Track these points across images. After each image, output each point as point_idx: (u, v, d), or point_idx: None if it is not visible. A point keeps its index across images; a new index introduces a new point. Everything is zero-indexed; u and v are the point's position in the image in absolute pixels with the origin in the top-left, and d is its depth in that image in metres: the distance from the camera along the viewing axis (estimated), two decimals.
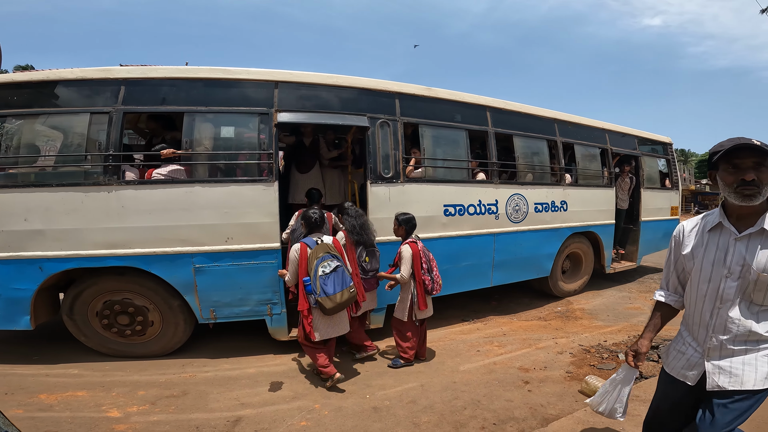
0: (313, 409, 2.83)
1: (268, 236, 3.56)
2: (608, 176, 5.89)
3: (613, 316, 5.01)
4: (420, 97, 4.34)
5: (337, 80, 3.93)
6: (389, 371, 3.46)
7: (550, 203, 5.16)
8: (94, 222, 3.26)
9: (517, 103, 5.08)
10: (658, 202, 6.68)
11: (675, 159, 7.22)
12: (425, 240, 4.15)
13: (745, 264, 1.37)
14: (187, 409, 2.82)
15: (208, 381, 3.26)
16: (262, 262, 3.55)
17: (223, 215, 3.44)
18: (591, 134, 5.79)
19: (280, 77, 3.71)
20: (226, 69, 3.61)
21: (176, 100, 3.50)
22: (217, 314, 3.58)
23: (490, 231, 4.66)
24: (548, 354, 3.82)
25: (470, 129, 4.63)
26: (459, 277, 4.57)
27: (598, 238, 5.80)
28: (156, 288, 3.48)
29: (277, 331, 3.76)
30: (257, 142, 3.59)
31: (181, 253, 3.38)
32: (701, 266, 1.48)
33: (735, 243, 1.41)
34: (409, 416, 2.74)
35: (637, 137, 6.48)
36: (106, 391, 3.04)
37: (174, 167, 3.48)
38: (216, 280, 3.47)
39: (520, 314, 5.11)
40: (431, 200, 4.26)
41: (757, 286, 1.36)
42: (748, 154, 1.32)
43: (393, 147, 4.06)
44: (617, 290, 6.20)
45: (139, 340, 3.64)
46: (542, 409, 2.83)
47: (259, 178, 3.55)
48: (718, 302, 1.45)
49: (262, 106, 3.61)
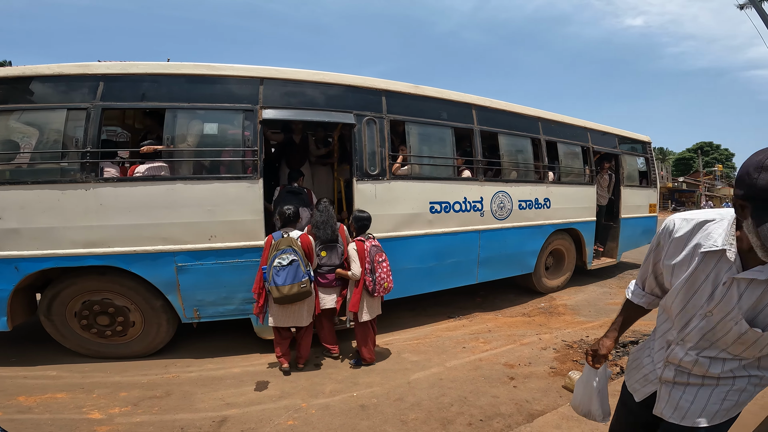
0: (300, 407, 2.82)
1: (252, 234, 3.52)
2: (590, 174, 6.02)
3: (594, 311, 5.11)
4: (407, 95, 4.35)
5: (323, 77, 3.91)
6: (376, 369, 3.46)
7: (534, 201, 5.25)
8: (71, 220, 3.18)
9: (502, 102, 5.14)
10: (637, 200, 6.85)
11: (653, 157, 7.41)
12: (409, 238, 4.21)
13: (733, 311, 1.04)
14: (171, 410, 2.78)
15: (192, 381, 3.21)
16: (247, 260, 3.52)
17: (207, 213, 3.39)
18: (573, 133, 5.91)
19: (266, 74, 3.67)
20: (210, 65, 3.56)
21: (158, 97, 3.44)
22: (201, 314, 3.53)
23: (475, 228, 4.71)
24: (532, 350, 3.87)
25: (456, 127, 4.67)
26: (445, 274, 4.61)
27: (580, 235, 5.93)
28: (137, 287, 3.41)
29: (263, 329, 3.72)
30: (242, 138, 3.54)
31: (162, 252, 3.32)
32: (678, 291, 1.15)
33: (732, 282, 1.04)
34: (396, 414, 2.75)
35: (618, 136, 6.64)
36: (86, 392, 2.98)
37: (155, 164, 3.41)
38: (199, 279, 3.42)
39: (504, 310, 5.17)
40: (417, 197, 4.28)
41: (740, 339, 1.06)
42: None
43: (379, 144, 4.06)
44: (598, 286, 6.33)
45: (120, 341, 3.56)
46: (528, 404, 2.87)
47: (244, 175, 3.51)
48: (680, 338, 1.18)
49: (246, 102, 3.57)
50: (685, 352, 1.17)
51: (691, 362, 1.16)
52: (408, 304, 4.91)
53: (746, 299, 1.03)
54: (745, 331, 1.03)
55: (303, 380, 3.23)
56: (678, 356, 1.19)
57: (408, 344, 4.04)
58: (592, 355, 1.48)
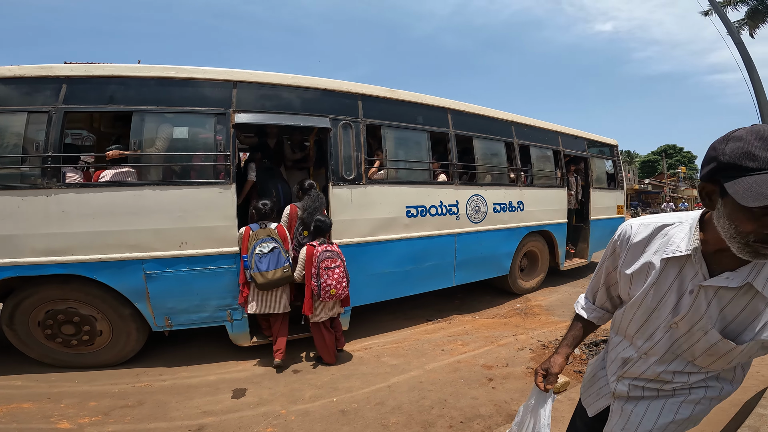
0: (280, 414, 2.79)
1: (225, 240, 3.45)
2: (561, 177, 6.20)
3: (567, 311, 5.23)
4: (383, 99, 4.36)
5: (298, 81, 3.88)
6: (356, 373, 3.45)
7: (508, 203, 5.36)
8: (32, 228, 3.03)
9: (476, 106, 5.23)
10: (605, 202, 7.10)
11: (620, 160, 7.70)
12: (386, 242, 4.22)
13: (702, 320, 0.95)
14: (145, 419, 2.70)
15: (166, 390, 3.13)
16: (220, 267, 3.45)
17: (177, 219, 3.30)
18: (545, 136, 6.07)
19: (239, 77, 3.61)
20: (181, 68, 3.48)
21: (125, 100, 3.31)
22: (172, 321, 3.43)
23: (451, 231, 4.76)
24: (509, 351, 3.94)
25: (432, 131, 4.72)
26: (422, 278, 4.65)
27: (552, 237, 6.09)
28: (103, 296, 3.28)
29: (238, 336, 3.66)
30: (214, 143, 3.47)
31: (130, 260, 3.21)
32: (640, 302, 1.05)
33: (699, 290, 0.95)
34: (377, 418, 2.75)
35: (587, 139, 6.86)
36: (54, 402, 2.88)
37: (122, 169, 3.29)
38: (170, 287, 3.33)
39: (482, 312, 5.25)
40: (394, 202, 4.30)
41: (710, 351, 0.96)
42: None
43: (355, 149, 4.06)
44: (571, 286, 6.52)
45: (86, 350, 3.43)
46: (506, 405, 2.91)
47: (216, 180, 3.43)
48: (642, 352, 1.08)
49: (219, 106, 3.50)
50: (648, 366, 1.08)
51: (653, 375, 1.08)
52: (387, 307, 4.92)
53: (715, 308, 0.93)
54: (716, 342, 0.94)
55: (282, 386, 3.19)
56: (639, 370, 1.10)
57: (387, 348, 4.04)
58: (544, 374, 1.30)
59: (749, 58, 8.62)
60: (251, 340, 3.72)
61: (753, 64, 8.61)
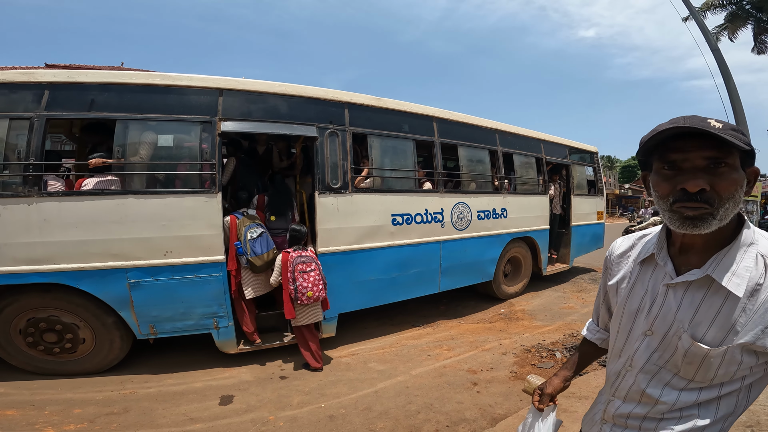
0: (268, 420, 2.80)
1: (211, 249, 3.45)
2: (543, 184, 6.34)
3: (550, 315, 5.36)
4: (369, 107, 4.41)
5: (285, 89, 3.90)
6: (343, 379, 3.48)
7: (492, 211, 5.46)
8: (12, 236, 2.99)
9: (461, 114, 5.32)
10: (586, 208, 7.29)
11: (600, 166, 7.91)
12: (372, 250, 4.27)
13: (674, 324, 0.92)
14: (131, 426, 2.70)
15: (152, 397, 3.12)
16: (206, 275, 3.45)
17: (161, 228, 3.29)
18: (528, 144, 6.21)
19: (225, 85, 3.62)
20: (167, 75, 3.48)
21: (109, 107, 3.29)
22: (157, 329, 3.42)
23: (436, 239, 4.83)
24: (494, 355, 4.00)
25: (418, 139, 4.78)
26: (408, 284, 4.70)
27: (535, 243, 6.22)
28: (86, 304, 3.25)
29: (225, 344, 3.65)
30: (199, 151, 3.47)
31: (113, 268, 3.19)
32: (622, 311, 1.04)
33: (666, 290, 0.94)
34: (365, 423, 2.78)
35: (568, 146, 7.03)
36: (37, 409, 2.86)
37: (105, 178, 3.27)
38: (154, 295, 3.31)
39: (467, 317, 5.33)
40: (380, 210, 4.34)
41: (687, 358, 0.90)
42: (696, 145, 0.81)
43: (341, 157, 4.09)
44: (553, 291, 6.64)
45: (69, 358, 3.39)
46: (491, 409, 2.96)
47: (201, 189, 3.43)
48: (628, 363, 1.03)
49: (204, 114, 3.49)
50: (634, 380, 1.00)
51: (638, 392, 0.99)
52: (374, 313, 4.96)
53: (685, 310, 0.90)
54: (689, 346, 0.89)
55: (269, 393, 3.21)
56: (627, 385, 1.02)
57: (374, 353, 4.09)
58: (540, 393, 1.29)
59: (725, 64, 8.71)
60: (238, 347, 3.72)
61: (728, 70, 8.72)
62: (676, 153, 0.83)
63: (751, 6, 12.57)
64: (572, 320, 5.16)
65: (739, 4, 12.71)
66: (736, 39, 13.01)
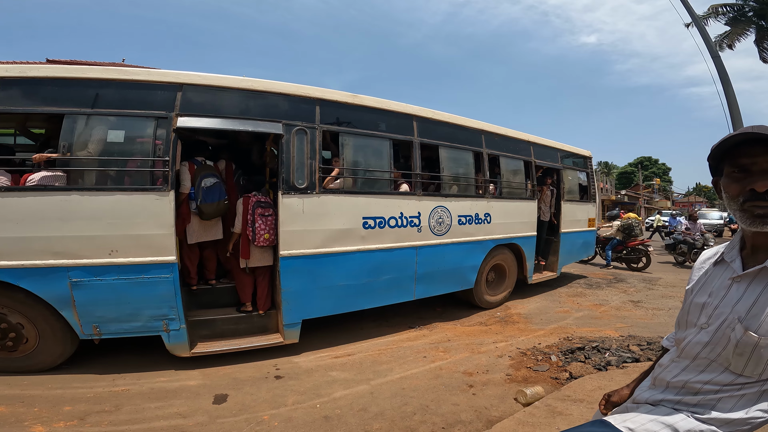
0: (262, 420, 2.75)
1: (161, 249, 3.30)
2: (531, 189, 6.08)
3: (545, 319, 5.32)
4: (344, 105, 4.22)
5: (251, 84, 3.74)
6: (339, 380, 3.43)
7: (474, 216, 5.23)
8: None
9: (445, 113, 5.10)
10: (576, 214, 7.00)
11: (593, 172, 7.60)
12: (340, 254, 4.08)
13: (730, 316, 0.95)
14: (123, 424, 2.65)
15: (144, 395, 3.06)
16: (155, 276, 3.29)
17: (107, 226, 3.15)
18: (516, 146, 5.95)
19: (186, 80, 3.47)
20: (123, 69, 3.37)
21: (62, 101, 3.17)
22: (101, 330, 3.29)
23: (412, 244, 4.62)
24: (489, 358, 3.96)
25: (395, 138, 4.58)
26: (380, 291, 4.50)
27: (521, 250, 5.97)
28: (29, 302, 3.13)
29: (176, 347, 3.51)
30: (152, 147, 3.30)
31: (54, 267, 3.06)
32: (688, 306, 1.09)
33: (731, 284, 0.99)
34: (360, 424, 2.74)
35: (560, 150, 6.76)
36: (27, 406, 2.81)
37: (50, 173, 3.12)
38: (98, 295, 3.18)
39: (463, 320, 5.27)
40: (350, 212, 4.15)
41: (738, 349, 0.93)
42: (764, 151, 0.88)
43: (309, 156, 3.91)
44: (549, 295, 6.61)
45: (12, 356, 3.27)
46: (486, 411, 2.93)
47: (152, 186, 3.28)
48: (677, 354, 1.08)
49: (161, 109, 3.34)
50: (680, 371, 1.05)
51: (681, 382, 1.04)
52: (370, 314, 4.89)
53: (744, 302, 0.95)
54: (741, 336, 0.92)
55: (264, 392, 3.16)
56: (670, 375, 1.07)
57: (370, 355, 4.04)
58: (606, 400, 1.39)
59: (725, 71, 8.69)
60: (190, 351, 3.56)
61: (728, 77, 8.67)
62: (745, 157, 0.91)
63: (753, 13, 12.84)
64: (567, 324, 5.12)
65: (741, 11, 12.99)
66: (735, 47, 13.28)
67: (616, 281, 7.93)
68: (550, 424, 2.57)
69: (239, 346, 3.77)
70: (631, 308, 5.92)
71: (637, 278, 8.36)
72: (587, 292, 6.85)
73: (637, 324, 5.10)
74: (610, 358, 3.76)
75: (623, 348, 4.03)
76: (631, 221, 9.35)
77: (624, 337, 4.46)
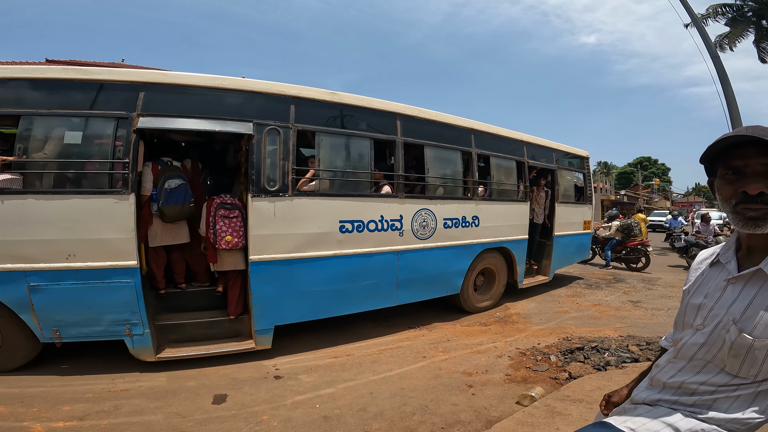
0: (261, 420, 2.74)
1: (121, 253, 3.21)
2: (524, 190, 5.83)
3: (545, 319, 5.27)
4: (321, 103, 4.06)
5: (221, 82, 3.60)
6: (338, 380, 3.40)
7: (461, 219, 5.03)
8: None
9: (431, 111, 4.89)
10: (571, 217, 6.73)
11: (590, 172, 7.29)
12: (315, 259, 3.95)
13: (725, 317, 0.96)
14: (122, 425, 2.63)
15: (143, 395, 3.06)
16: (115, 281, 3.21)
17: (65, 230, 3.07)
18: (509, 146, 5.70)
19: (149, 78, 3.37)
20: (83, 69, 3.27)
21: (19, 102, 3.08)
22: (62, 334, 3.24)
23: (393, 249, 4.46)
24: (489, 358, 3.94)
25: (376, 138, 4.40)
26: (359, 297, 4.37)
27: (511, 254, 5.74)
28: None
29: (140, 352, 3.44)
30: (112, 149, 3.19)
31: (12, 271, 3.01)
32: (685, 307, 1.10)
33: (726, 286, 1.00)
34: (360, 424, 2.73)
35: (555, 150, 6.46)
36: (26, 406, 2.81)
37: (7, 176, 3.04)
38: (57, 300, 3.12)
39: (462, 320, 5.23)
40: (325, 216, 4.00)
41: (733, 350, 0.94)
42: (756, 153, 0.88)
43: (282, 157, 3.76)
44: (548, 295, 6.56)
45: None
46: (486, 411, 2.92)
47: (111, 189, 3.18)
48: (673, 355, 1.09)
49: (122, 109, 3.23)
50: (676, 372, 1.05)
51: (677, 383, 1.04)
52: (370, 314, 4.83)
53: (739, 303, 0.95)
54: (735, 337, 0.93)
55: (263, 392, 3.15)
56: (666, 376, 1.07)
57: (370, 354, 4.01)
58: (606, 401, 1.38)
59: (724, 71, 8.64)
60: (156, 356, 3.48)
61: (727, 77, 8.61)
62: (738, 159, 0.91)
63: (752, 13, 12.82)
64: (567, 324, 5.09)
65: (740, 11, 12.99)
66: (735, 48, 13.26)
67: (616, 281, 7.92)
68: (549, 424, 2.57)
69: (209, 351, 3.68)
70: (630, 308, 5.88)
71: (636, 278, 8.34)
72: (586, 292, 6.82)
73: (637, 324, 5.05)
74: (609, 359, 3.74)
75: (622, 348, 4.00)
76: (630, 222, 9.50)
77: (623, 337, 4.43)
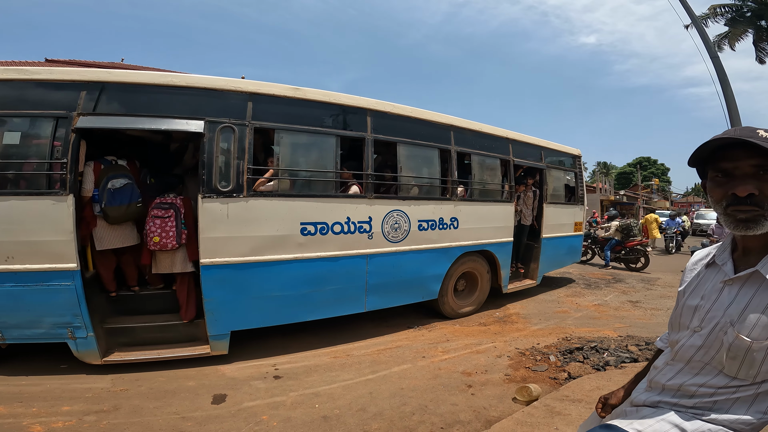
0: (261, 420, 2.75)
1: (60, 256, 3.11)
2: (509, 190, 5.50)
3: (544, 319, 5.27)
4: (282, 99, 3.88)
5: (171, 80, 3.48)
6: (337, 380, 3.41)
7: (438, 220, 4.77)
8: None
9: (406, 107, 4.63)
10: (561, 218, 6.35)
11: (582, 172, 6.88)
12: (273, 263, 3.78)
13: (723, 319, 0.95)
14: (121, 425, 2.64)
15: (143, 395, 3.05)
16: (55, 284, 3.12)
17: (3, 232, 3.01)
18: (493, 144, 5.37)
19: (91, 77, 3.25)
20: (22, 69, 3.19)
21: None
22: (4, 335, 3.19)
23: (361, 252, 4.24)
24: (488, 358, 3.94)
25: (343, 135, 4.20)
26: (324, 302, 4.17)
27: (494, 257, 5.44)
28: None
29: (84, 355, 3.35)
30: (50, 149, 3.10)
31: None
32: (681, 309, 1.08)
33: (722, 287, 0.99)
34: (359, 424, 2.74)
35: (544, 148, 6.09)
36: (25, 406, 2.83)
37: None
38: None
39: (462, 320, 5.19)
40: (285, 217, 3.82)
41: (731, 352, 0.93)
42: (744, 155, 0.88)
43: (237, 156, 3.60)
44: (548, 295, 6.54)
45: None
46: (485, 411, 2.93)
47: (48, 190, 3.08)
48: (671, 357, 1.08)
49: (61, 109, 3.13)
50: (674, 374, 1.05)
51: (676, 385, 1.04)
52: (369, 314, 4.72)
53: (736, 305, 0.95)
54: (733, 339, 0.92)
55: (262, 392, 3.15)
56: (665, 378, 1.06)
57: (370, 354, 4.01)
58: (603, 403, 1.36)
59: (723, 72, 8.48)
60: (102, 359, 3.39)
61: (727, 78, 8.42)
62: (726, 162, 0.92)
63: (751, 14, 12.75)
64: (566, 324, 5.07)
65: (740, 12, 12.94)
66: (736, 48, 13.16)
67: (615, 281, 7.82)
68: (548, 424, 2.56)
69: (160, 355, 3.57)
70: (629, 308, 5.84)
71: (635, 278, 8.22)
72: (586, 292, 6.79)
73: (636, 324, 5.03)
74: (608, 359, 3.73)
75: (622, 348, 3.99)
76: (629, 222, 9.61)
77: (622, 337, 4.41)
